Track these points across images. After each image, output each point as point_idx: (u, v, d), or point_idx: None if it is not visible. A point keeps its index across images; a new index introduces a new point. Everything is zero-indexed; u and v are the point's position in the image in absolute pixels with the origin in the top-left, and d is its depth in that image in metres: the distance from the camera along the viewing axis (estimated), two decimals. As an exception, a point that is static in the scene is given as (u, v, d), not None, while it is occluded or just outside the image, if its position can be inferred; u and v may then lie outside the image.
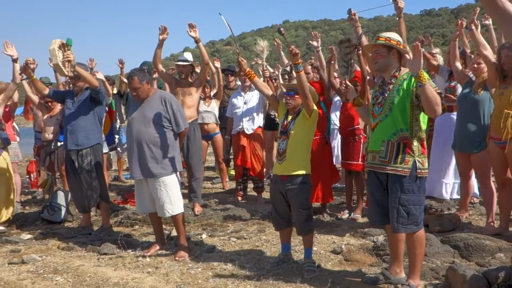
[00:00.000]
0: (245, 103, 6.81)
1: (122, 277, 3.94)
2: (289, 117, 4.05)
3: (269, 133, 7.98)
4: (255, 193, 6.93)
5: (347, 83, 3.91)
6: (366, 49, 3.72)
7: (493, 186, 4.97)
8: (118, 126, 8.25)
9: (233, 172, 7.91)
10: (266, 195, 6.75)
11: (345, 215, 5.70)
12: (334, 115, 7.10)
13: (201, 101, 7.40)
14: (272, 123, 7.86)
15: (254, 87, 5.88)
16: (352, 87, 3.86)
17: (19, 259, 4.45)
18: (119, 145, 8.34)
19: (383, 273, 3.61)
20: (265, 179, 7.15)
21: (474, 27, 4.72)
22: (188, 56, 6.37)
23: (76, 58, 5.09)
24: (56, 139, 6.59)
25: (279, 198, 4.04)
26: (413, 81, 3.26)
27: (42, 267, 4.28)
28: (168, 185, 4.50)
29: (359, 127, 5.63)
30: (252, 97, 6.80)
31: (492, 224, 4.81)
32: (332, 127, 7.15)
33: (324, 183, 5.63)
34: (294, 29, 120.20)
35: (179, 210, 4.58)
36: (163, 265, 4.23)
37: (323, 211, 5.82)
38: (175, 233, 5.02)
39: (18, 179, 6.86)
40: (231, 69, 8.50)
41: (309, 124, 3.98)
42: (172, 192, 4.52)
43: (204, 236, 5.11)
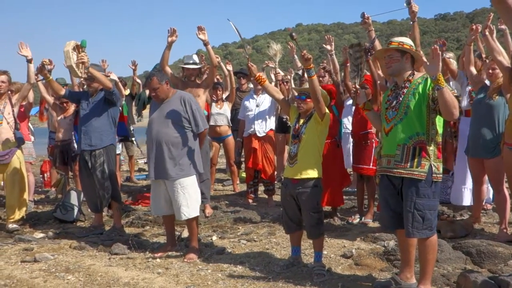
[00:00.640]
0: (257, 106, 6.82)
1: (132, 277, 3.97)
2: (301, 121, 4.05)
3: (280, 136, 7.99)
4: (266, 196, 6.93)
5: (357, 87, 3.90)
6: (378, 53, 3.71)
7: (507, 192, 4.91)
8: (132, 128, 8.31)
9: (244, 174, 7.92)
10: (276, 198, 6.74)
11: (356, 219, 5.68)
12: (346, 120, 7.08)
13: (213, 104, 7.44)
14: (283, 126, 7.87)
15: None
16: (363, 92, 3.84)
17: (32, 258, 4.49)
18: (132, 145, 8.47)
19: (394, 278, 3.58)
20: (276, 182, 7.15)
21: (488, 33, 4.68)
22: (195, 59, 6.37)
23: (89, 59, 5.15)
24: (73, 140, 6.67)
25: (290, 201, 4.03)
26: (429, 84, 3.24)
27: (54, 266, 4.32)
28: (185, 187, 4.46)
29: (371, 131, 5.59)
30: (264, 100, 6.81)
31: (505, 231, 4.75)
32: (344, 130, 7.14)
33: (334, 187, 5.63)
34: (307, 32, 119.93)
35: (195, 213, 4.55)
36: (173, 266, 4.24)
37: (334, 215, 5.81)
38: (185, 234, 5.04)
39: (31, 178, 6.96)
40: (244, 72, 8.51)
41: (321, 128, 3.98)
42: (189, 194, 4.48)
43: (214, 237, 5.12)
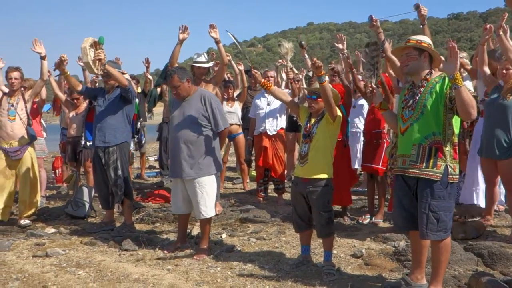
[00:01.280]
0: (268, 104, 6.82)
1: (142, 273, 3.99)
2: (312, 120, 4.04)
3: (290, 135, 7.98)
4: (276, 194, 6.93)
5: (373, 86, 3.85)
6: (395, 52, 3.66)
7: (520, 194, 4.86)
8: (139, 125, 8.35)
9: (254, 173, 7.93)
10: (286, 196, 6.74)
11: (366, 220, 5.64)
12: (357, 119, 7.06)
13: (224, 102, 7.45)
14: (294, 125, 7.86)
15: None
16: (379, 91, 3.80)
17: (43, 252, 4.54)
18: (137, 144, 8.51)
19: (404, 278, 3.55)
20: (286, 181, 7.14)
21: (502, 33, 4.63)
22: (205, 57, 6.35)
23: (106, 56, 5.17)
24: (84, 137, 6.71)
25: (300, 200, 4.02)
26: (447, 83, 3.19)
27: (65, 261, 4.36)
28: (204, 186, 4.44)
29: (384, 130, 5.56)
30: (275, 99, 6.79)
31: (517, 232, 4.71)
32: (355, 130, 7.12)
33: (342, 186, 5.58)
34: (318, 31, 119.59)
35: (212, 212, 4.54)
36: (183, 263, 4.26)
37: (344, 214, 5.79)
38: (195, 231, 5.05)
39: (43, 174, 7.03)
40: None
41: (333, 128, 3.96)
42: (207, 193, 4.45)
43: (224, 235, 5.13)
